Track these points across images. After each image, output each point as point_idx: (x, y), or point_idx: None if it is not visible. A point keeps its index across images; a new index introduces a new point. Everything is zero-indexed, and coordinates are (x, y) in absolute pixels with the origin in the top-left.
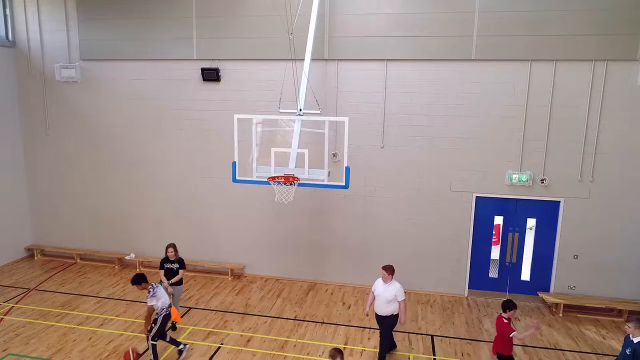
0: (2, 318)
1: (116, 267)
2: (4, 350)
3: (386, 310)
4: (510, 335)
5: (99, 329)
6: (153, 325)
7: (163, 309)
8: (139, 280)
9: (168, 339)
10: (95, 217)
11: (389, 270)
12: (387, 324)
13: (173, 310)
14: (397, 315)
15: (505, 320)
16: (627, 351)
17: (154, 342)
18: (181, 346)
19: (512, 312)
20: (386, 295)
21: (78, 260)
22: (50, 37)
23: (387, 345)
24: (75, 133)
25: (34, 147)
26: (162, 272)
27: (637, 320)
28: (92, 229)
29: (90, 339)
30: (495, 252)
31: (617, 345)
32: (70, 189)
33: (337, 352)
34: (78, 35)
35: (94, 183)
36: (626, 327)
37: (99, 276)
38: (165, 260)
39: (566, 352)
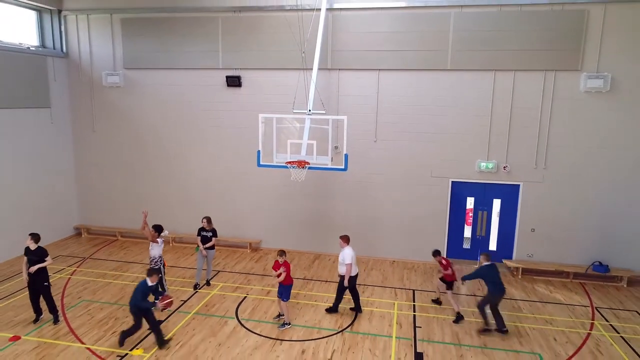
0: (68, 279)
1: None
2: (78, 298)
3: (339, 271)
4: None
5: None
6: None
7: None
8: (159, 229)
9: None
10: (133, 200)
11: (343, 238)
12: (340, 282)
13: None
14: (350, 277)
15: (444, 262)
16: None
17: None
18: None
19: (439, 257)
20: (339, 259)
21: (119, 237)
22: (98, 49)
23: (340, 299)
24: (118, 130)
25: (82, 142)
26: (198, 238)
27: (485, 254)
28: (130, 211)
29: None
30: (467, 231)
31: (560, 297)
32: (112, 177)
33: (282, 251)
34: (122, 47)
35: (132, 172)
36: (480, 258)
37: (139, 249)
38: (202, 229)
39: (518, 300)
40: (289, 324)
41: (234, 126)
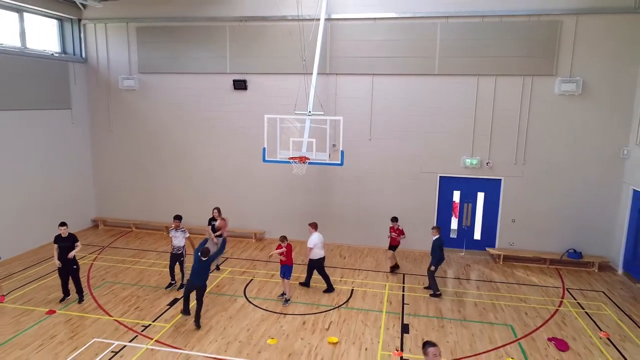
0: (91, 264)
1: (164, 233)
2: (102, 280)
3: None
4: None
5: (163, 269)
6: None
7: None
8: (177, 217)
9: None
10: (147, 194)
11: (311, 225)
12: (309, 262)
13: None
14: (314, 260)
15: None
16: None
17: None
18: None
19: (395, 223)
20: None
21: (134, 229)
22: (115, 55)
23: (309, 275)
24: (133, 130)
25: (99, 140)
26: (209, 227)
27: (435, 228)
28: (144, 204)
29: (160, 273)
30: (454, 222)
31: (536, 280)
32: (127, 173)
33: (283, 237)
34: (137, 53)
35: (146, 169)
36: (431, 232)
37: (152, 239)
38: (212, 219)
39: (497, 282)
40: (289, 299)
41: (240, 126)
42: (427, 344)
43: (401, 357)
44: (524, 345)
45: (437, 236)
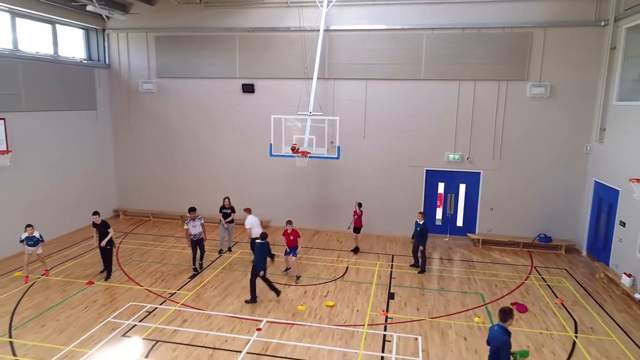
0: (118, 247)
1: (179, 222)
2: (129, 259)
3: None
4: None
5: (182, 250)
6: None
7: (194, 235)
8: (192, 209)
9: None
10: (163, 187)
11: (246, 210)
12: (250, 241)
13: None
14: (254, 238)
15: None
16: (418, 228)
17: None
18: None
19: (360, 208)
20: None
21: (151, 218)
22: (135, 61)
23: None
24: (151, 129)
25: (120, 139)
26: (220, 214)
27: (422, 213)
28: (161, 196)
29: (179, 254)
30: (439, 211)
31: (509, 260)
32: (145, 167)
33: (289, 221)
34: (155, 60)
35: (162, 163)
36: (418, 217)
37: (169, 227)
38: (223, 207)
39: (475, 262)
40: (300, 277)
41: (248, 125)
42: None
43: (386, 317)
44: (490, 308)
45: (423, 221)
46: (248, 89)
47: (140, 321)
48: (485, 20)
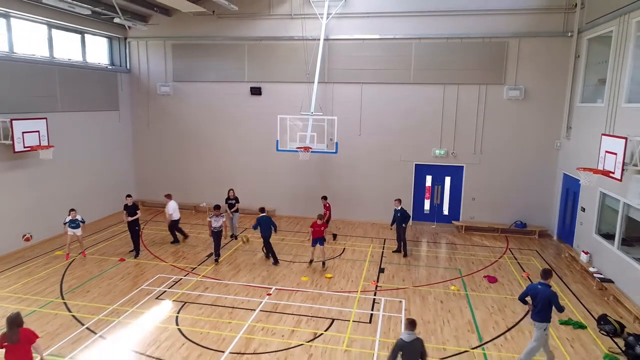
0: (141, 232)
1: (193, 212)
2: (152, 241)
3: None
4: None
5: (198, 235)
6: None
7: (215, 228)
8: (217, 207)
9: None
10: (178, 180)
11: (167, 196)
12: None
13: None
14: (174, 220)
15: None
16: (399, 214)
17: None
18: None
19: (325, 201)
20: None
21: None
22: (154, 66)
23: (174, 234)
24: (167, 127)
25: (139, 136)
26: (226, 205)
27: (397, 200)
28: (176, 188)
29: (196, 238)
30: (427, 203)
31: (488, 243)
32: (161, 162)
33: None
34: (172, 65)
35: (177, 158)
36: (394, 203)
37: (185, 216)
38: (228, 198)
39: (457, 245)
40: (326, 262)
41: (256, 124)
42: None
43: (376, 285)
44: (465, 280)
45: (400, 207)
46: (256, 91)
47: (169, 288)
48: (466, 31)
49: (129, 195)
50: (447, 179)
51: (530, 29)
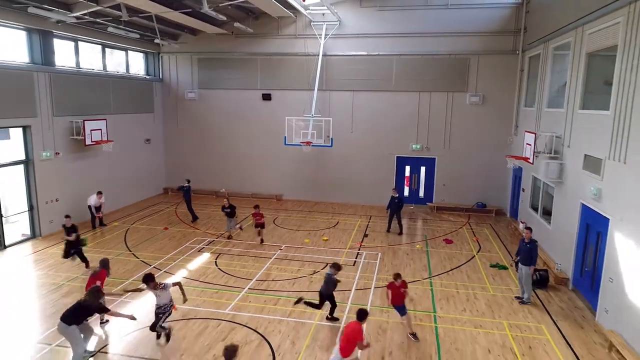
0: (175, 210)
1: (214, 196)
2: (186, 217)
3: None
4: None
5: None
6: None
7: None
8: (149, 277)
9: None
10: (201, 171)
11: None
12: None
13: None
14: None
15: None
16: (396, 200)
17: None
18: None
19: (257, 209)
20: None
21: (193, 194)
22: (182, 76)
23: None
24: (193, 127)
25: (169, 133)
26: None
27: (394, 189)
28: (199, 178)
29: (219, 215)
30: (406, 189)
31: (452, 219)
32: (187, 154)
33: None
34: (197, 75)
35: (201, 151)
36: (392, 191)
37: (207, 200)
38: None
39: (428, 220)
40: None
41: (266, 123)
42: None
43: (360, 245)
44: (429, 242)
45: (396, 195)
46: (266, 97)
47: (206, 245)
48: (436, 49)
49: (67, 216)
50: (423, 169)
51: (487, 48)
